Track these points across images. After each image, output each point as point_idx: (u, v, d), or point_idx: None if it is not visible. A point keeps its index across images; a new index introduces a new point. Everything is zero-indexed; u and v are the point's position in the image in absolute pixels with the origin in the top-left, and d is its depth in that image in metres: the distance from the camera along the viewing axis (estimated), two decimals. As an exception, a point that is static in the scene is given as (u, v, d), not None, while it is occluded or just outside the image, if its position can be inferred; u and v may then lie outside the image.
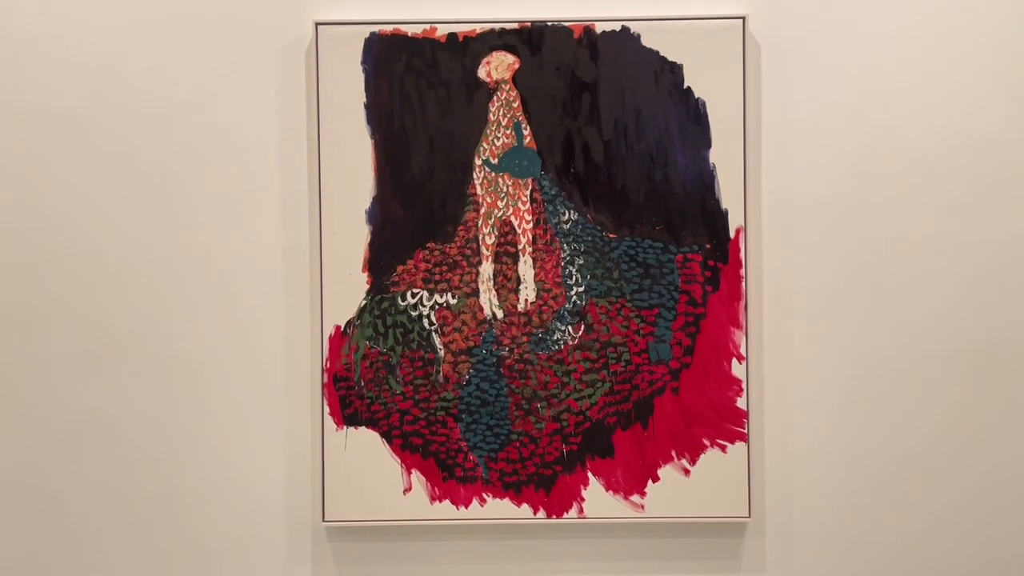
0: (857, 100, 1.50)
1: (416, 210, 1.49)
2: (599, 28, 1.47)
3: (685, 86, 1.48)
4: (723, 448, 1.49)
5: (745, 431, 1.49)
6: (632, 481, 1.49)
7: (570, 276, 1.49)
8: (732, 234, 1.48)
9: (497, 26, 1.47)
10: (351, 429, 1.49)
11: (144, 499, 1.53)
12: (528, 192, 1.49)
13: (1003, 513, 1.53)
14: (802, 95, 1.50)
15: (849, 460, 1.53)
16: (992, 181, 1.50)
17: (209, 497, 1.53)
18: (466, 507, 1.50)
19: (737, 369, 1.49)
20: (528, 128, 1.48)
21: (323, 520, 1.49)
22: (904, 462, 1.52)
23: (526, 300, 1.49)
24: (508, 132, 1.48)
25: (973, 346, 1.51)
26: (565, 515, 1.50)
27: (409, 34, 1.47)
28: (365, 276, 1.49)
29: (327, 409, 1.49)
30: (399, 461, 1.50)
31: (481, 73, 1.48)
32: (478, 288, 1.49)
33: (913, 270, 1.51)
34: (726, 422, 1.49)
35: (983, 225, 1.50)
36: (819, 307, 1.52)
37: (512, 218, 1.49)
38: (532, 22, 1.47)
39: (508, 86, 1.48)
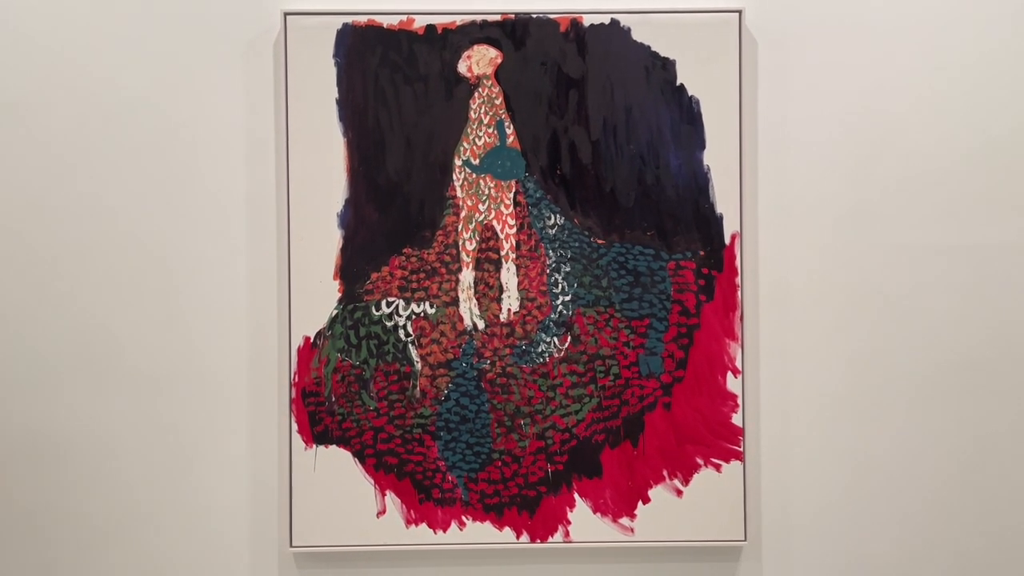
0: (858, 99, 1.46)
1: (391, 213, 1.42)
2: (587, 21, 1.42)
3: (678, 83, 1.43)
4: (717, 467, 1.44)
5: (741, 449, 1.44)
6: (621, 503, 1.44)
7: (556, 284, 1.43)
8: (727, 240, 1.44)
9: (479, 18, 1.42)
10: (321, 448, 1.43)
11: (98, 522, 1.46)
12: (511, 195, 1.43)
13: (1009, 533, 1.48)
14: (801, 93, 1.46)
15: (850, 480, 1.48)
16: (999, 185, 1.47)
17: (168, 521, 1.47)
18: (444, 531, 1.44)
19: (732, 383, 1.44)
20: (511, 127, 1.43)
21: (291, 545, 1.43)
22: (909, 482, 1.48)
23: (509, 310, 1.43)
24: (490, 131, 1.43)
25: (980, 357, 1.47)
26: (550, 539, 1.44)
27: (385, 25, 1.42)
28: (337, 284, 1.43)
29: (295, 426, 1.43)
30: (372, 482, 1.43)
31: (461, 68, 1.42)
32: (458, 297, 1.43)
33: (918, 278, 1.47)
34: (721, 440, 1.44)
35: (988, 231, 1.46)
36: (819, 318, 1.47)
37: (494, 222, 1.43)
38: (516, 14, 1.42)
39: (490, 82, 1.42)
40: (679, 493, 1.43)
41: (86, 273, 1.44)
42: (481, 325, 1.43)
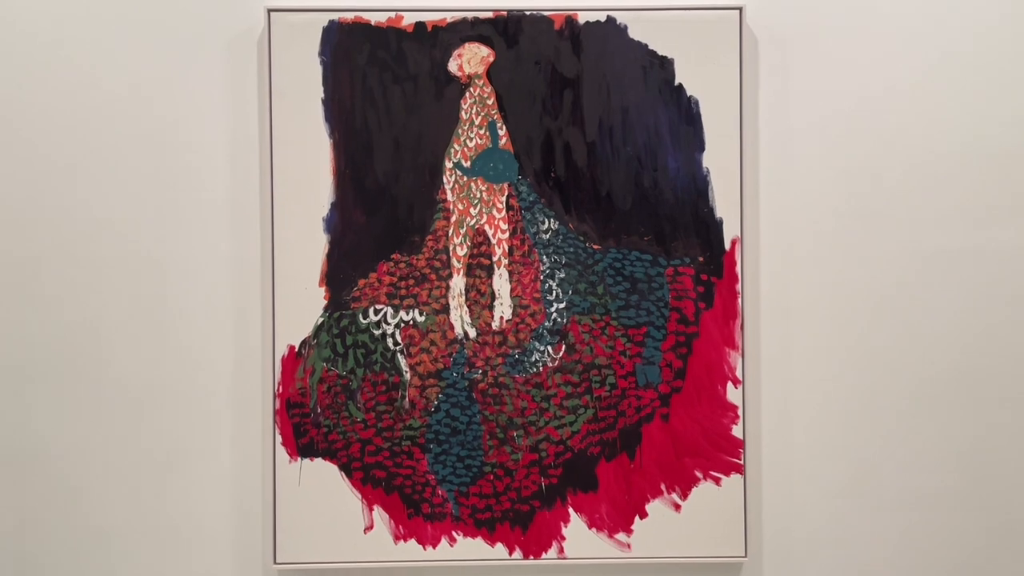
0: (862, 99, 1.42)
1: (379, 218, 1.39)
2: (582, 18, 1.38)
3: (676, 83, 1.39)
4: (717, 481, 1.40)
5: (741, 462, 1.40)
6: (618, 517, 1.40)
7: (550, 291, 1.39)
8: (727, 246, 1.40)
9: (470, 15, 1.38)
10: (306, 461, 1.39)
11: (77, 537, 1.42)
12: (504, 198, 1.39)
13: (1018, 547, 1.44)
14: (803, 93, 1.42)
15: (854, 493, 1.44)
16: (1007, 188, 1.43)
17: (149, 537, 1.43)
18: (434, 547, 1.40)
19: (733, 394, 1.40)
20: (504, 128, 1.39)
21: (275, 562, 1.39)
22: (915, 496, 1.44)
23: (501, 317, 1.40)
24: (482, 132, 1.39)
25: (990, 365, 1.43)
26: (544, 555, 1.40)
27: (372, 23, 1.38)
28: (322, 291, 1.39)
29: (279, 439, 1.39)
30: (360, 496, 1.40)
31: (452, 67, 1.39)
32: (448, 304, 1.39)
33: (924, 284, 1.43)
34: (721, 452, 1.40)
35: (997, 235, 1.43)
36: (821, 326, 1.43)
37: (486, 227, 1.39)
38: (508, 11, 1.39)
39: (482, 81, 1.39)
40: (677, 507, 1.40)
41: (63, 278, 1.40)
42: (472, 333, 1.39)
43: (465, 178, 1.39)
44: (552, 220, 1.39)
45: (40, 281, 1.40)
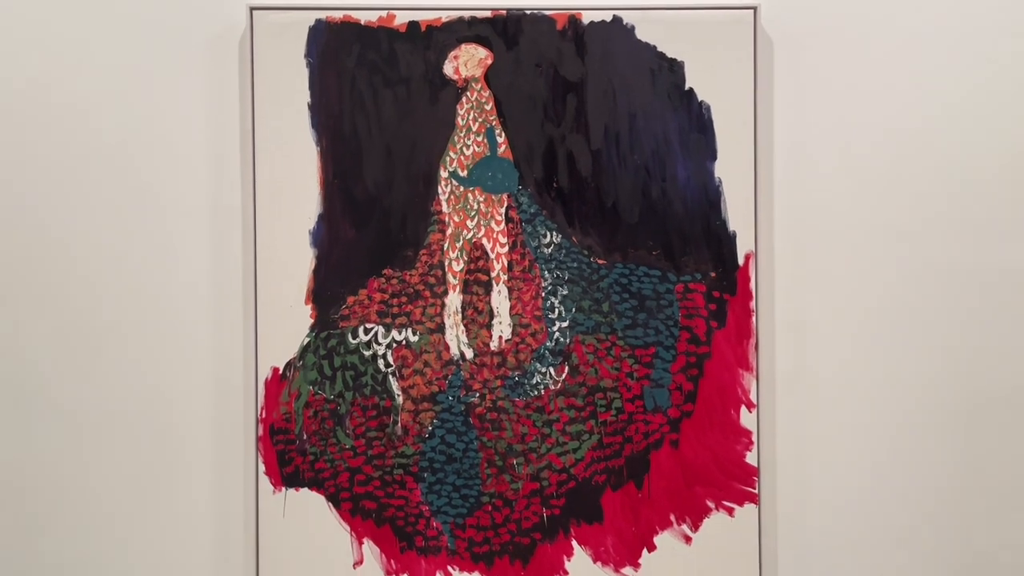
0: (885, 105, 1.36)
1: (370, 231, 1.33)
2: (586, 18, 1.33)
3: (687, 87, 1.34)
4: (730, 511, 1.35)
5: (755, 491, 1.35)
6: (624, 550, 1.35)
7: (552, 309, 1.34)
8: (741, 260, 1.34)
9: (467, 14, 1.33)
10: (291, 491, 1.33)
11: (47, 569, 1.36)
12: (503, 210, 1.34)
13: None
14: (821, 98, 1.36)
15: (875, 525, 1.38)
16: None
17: (124, 571, 1.36)
18: None
19: (747, 419, 1.35)
20: (503, 135, 1.34)
21: (257, 599, 1.33)
22: (942, 530, 1.38)
23: (500, 337, 1.34)
24: (479, 139, 1.34)
25: (1020, 388, 1.37)
26: (545, 591, 1.35)
27: (363, 22, 1.32)
28: (309, 309, 1.33)
29: (262, 467, 1.33)
30: (348, 529, 1.34)
31: (448, 69, 1.33)
32: (443, 323, 1.34)
33: (951, 302, 1.37)
34: (734, 481, 1.35)
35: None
36: (841, 346, 1.37)
37: (484, 240, 1.34)
38: (508, 10, 1.33)
39: (479, 85, 1.33)
40: (688, 540, 1.34)
41: (32, 295, 1.34)
42: (469, 354, 1.33)
43: (462, 188, 1.34)
44: (554, 233, 1.34)
45: (8, 296, 1.33)
